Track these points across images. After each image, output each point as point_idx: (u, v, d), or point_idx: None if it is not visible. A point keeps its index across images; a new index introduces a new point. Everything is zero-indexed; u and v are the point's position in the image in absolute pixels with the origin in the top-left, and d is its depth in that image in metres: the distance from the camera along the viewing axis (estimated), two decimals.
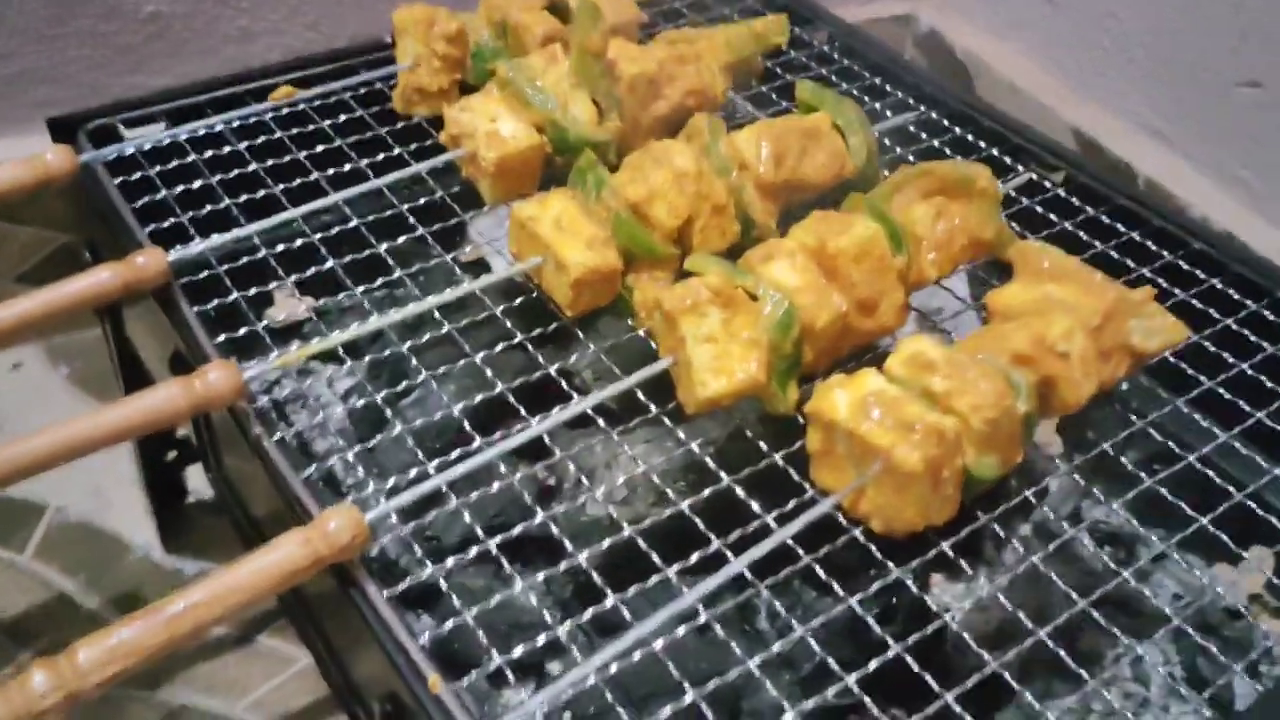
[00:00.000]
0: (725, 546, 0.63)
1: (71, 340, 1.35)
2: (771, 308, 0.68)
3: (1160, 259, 0.85)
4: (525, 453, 0.71)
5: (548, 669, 0.68)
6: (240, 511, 0.79)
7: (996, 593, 0.67)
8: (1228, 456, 0.73)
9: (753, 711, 0.66)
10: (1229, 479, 0.71)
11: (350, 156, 0.89)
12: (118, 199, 0.81)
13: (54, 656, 0.54)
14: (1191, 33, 1.33)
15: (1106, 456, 0.73)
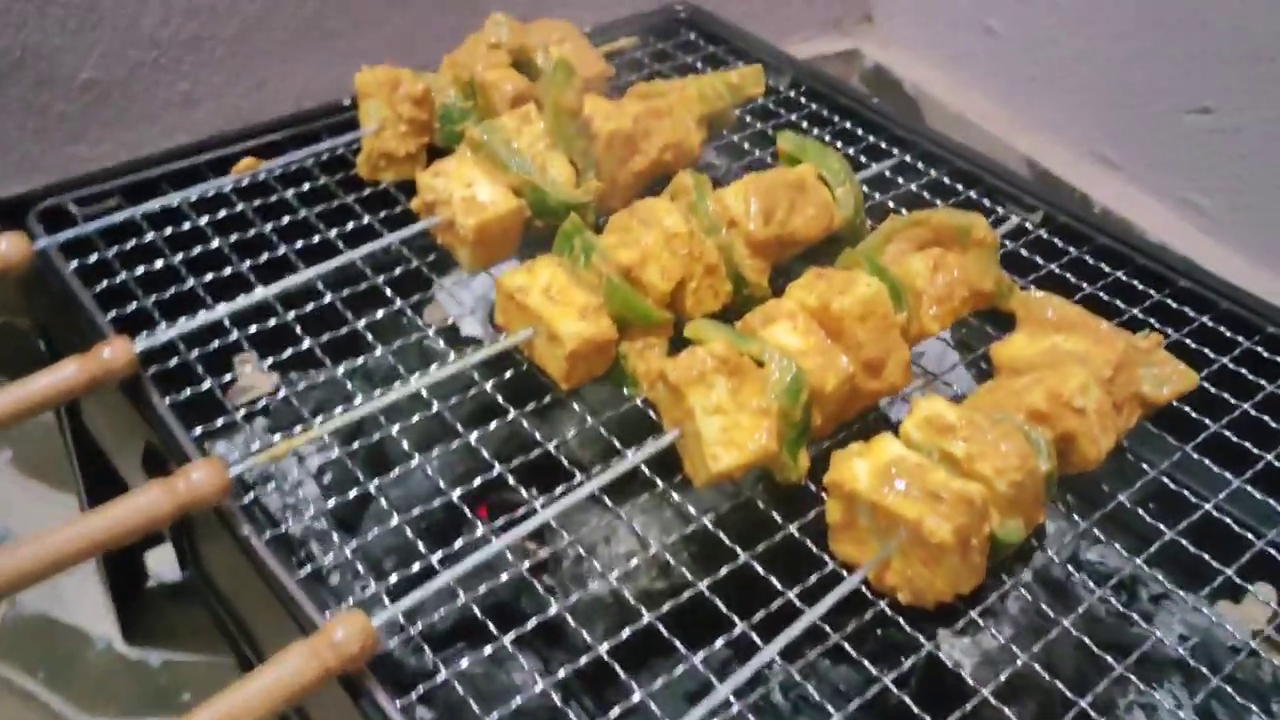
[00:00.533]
0: (750, 628, 0.61)
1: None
2: (779, 374, 0.66)
3: (1149, 298, 0.85)
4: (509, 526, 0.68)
5: None
6: (222, 607, 0.75)
7: (1008, 644, 0.66)
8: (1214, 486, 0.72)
9: None
10: (1228, 515, 0.70)
11: (318, 228, 0.85)
12: (77, 286, 0.77)
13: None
14: (1136, 59, 1.35)
15: (1101, 496, 0.72)
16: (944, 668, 0.64)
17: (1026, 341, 0.71)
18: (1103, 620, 0.79)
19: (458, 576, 0.60)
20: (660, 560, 0.69)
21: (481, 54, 0.93)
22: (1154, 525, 0.70)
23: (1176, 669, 0.80)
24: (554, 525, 0.67)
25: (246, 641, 0.72)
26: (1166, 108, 1.33)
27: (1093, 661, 0.65)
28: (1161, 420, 0.75)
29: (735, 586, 0.64)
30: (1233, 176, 1.28)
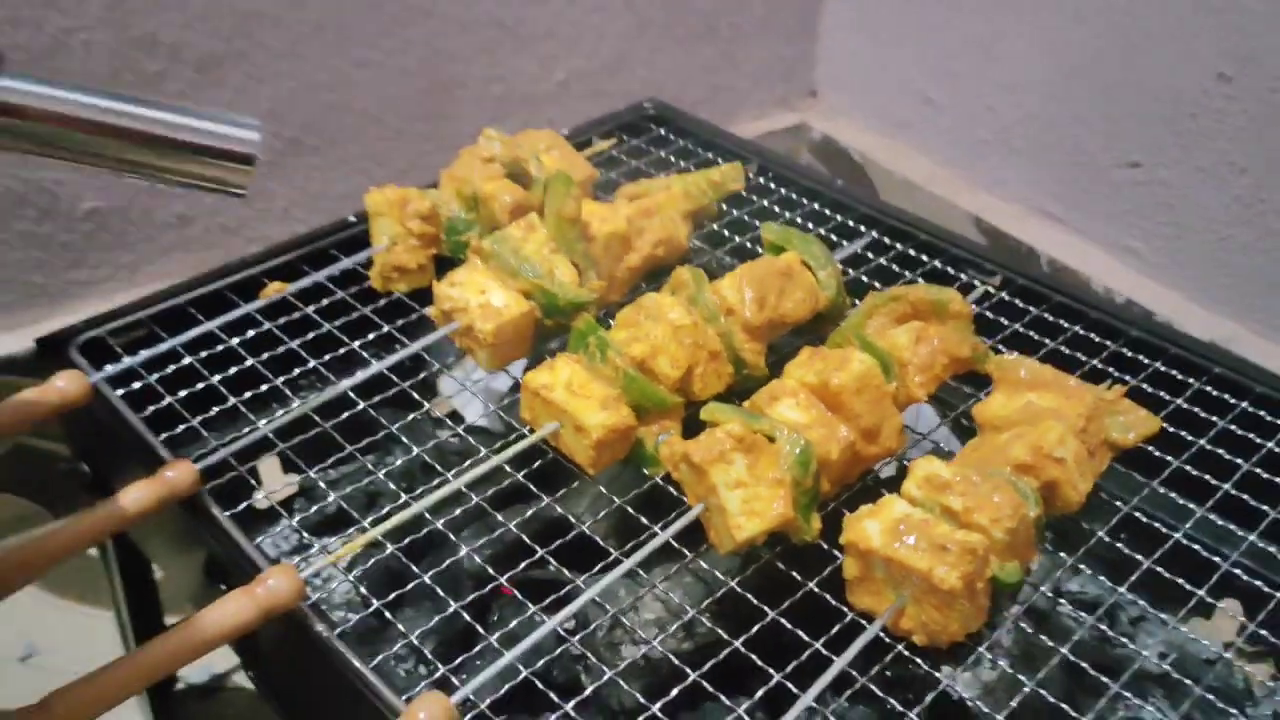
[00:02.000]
0: (784, 678, 0.67)
1: None
2: (790, 447, 0.73)
3: (1105, 349, 0.93)
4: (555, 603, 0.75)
5: None
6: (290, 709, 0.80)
7: (1007, 674, 0.73)
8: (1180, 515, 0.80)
9: None
10: (1195, 541, 0.78)
11: (342, 339, 0.92)
12: (132, 417, 0.83)
13: None
14: (1070, 121, 1.46)
15: (1079, 532, 0.79)
16: (952, 701, 0.71)
17: (1004, 400, 0.79)
18: (1087, 644, 0.87)
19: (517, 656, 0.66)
20: (688, 623, 0.76)
21: (478, 168, 1.00)
22: (1129, 555, 0.77)
23: (1158, 683, 0.88)
24: (597, 601, 0.73)
25: None
26: (1101, 164, 1.43)
27: (1081, 682, 0.72)
28: (1129, 460, 0.83)
29: (765, 642, 0.71)
30: (1163, 223, 1.39)
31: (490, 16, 1.42)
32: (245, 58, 1.28)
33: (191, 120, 0.62)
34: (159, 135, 0.61)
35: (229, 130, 0.62)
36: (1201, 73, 1.29)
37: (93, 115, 0.60)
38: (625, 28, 1.55)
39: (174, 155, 0.62)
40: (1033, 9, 1.44)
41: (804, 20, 1.72)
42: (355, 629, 0.82)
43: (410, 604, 0.81)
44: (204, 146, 0.62)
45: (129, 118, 0.61)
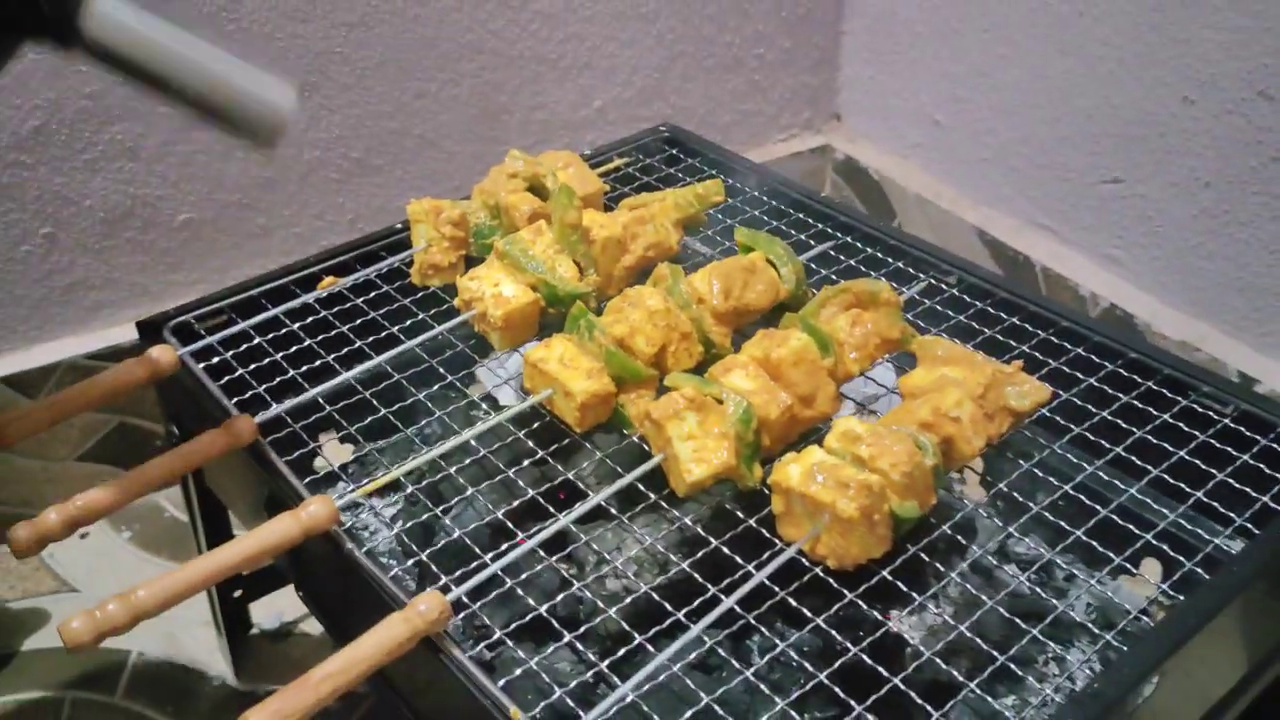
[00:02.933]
0: (719, 591, 0.83)
1: (130, 508, 1.53)
2: (734, 408, 0.89)
3: (1036, 337, 1.07)
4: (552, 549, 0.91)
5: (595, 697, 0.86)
6: (329, 617, 0.98)
7: (945, 617, 0.87)
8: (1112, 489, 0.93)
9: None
10: (1119, 509, 0.90)
11: (384, 325, 1.10)
12: (208, 381, 1.02)
13: None
14: (1056, 142, 1.59)
15: (1016, 499, 0.92)
16: (862, 610, 0.85)
17: (923, 374, 0.94)
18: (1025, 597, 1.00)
19: (503, 567, 0.83)
20: (653, 555, 0.92)
21: (503, 183, 1.18)
22: (1066, 522, 0.89)
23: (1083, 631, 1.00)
24: (574, 529, 0.90)
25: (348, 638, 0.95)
26: (1086, 180, 1.57)
27: (1015, 628, 0.85)
28: (1077, 441, 0.97)
29: (711, 566, 0.86)
30: (1141, 233, 1.51)
31: (534, 52, 1.61)
32: (318, 90, 1.48)
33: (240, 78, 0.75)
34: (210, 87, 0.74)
35: (272, 93, 0.76)
36: (1169, 96, 1.42)
37: (160, 65, 0.73)
38: (658, 60, 1.72)
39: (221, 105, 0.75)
40: (1024, 40, 1.58)
41: (826, 52, 1.88)
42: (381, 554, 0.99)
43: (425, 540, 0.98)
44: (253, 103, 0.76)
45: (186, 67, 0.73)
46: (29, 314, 1.41)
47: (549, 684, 0.77)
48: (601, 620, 0.83)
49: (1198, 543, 0.89)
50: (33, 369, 1.41)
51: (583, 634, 0.82)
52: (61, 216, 1.39)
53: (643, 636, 0.80)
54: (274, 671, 1.33)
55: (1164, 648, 0.79)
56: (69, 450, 1.51)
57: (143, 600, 0.79)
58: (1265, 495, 0.91)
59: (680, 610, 0.82)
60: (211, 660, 1.34)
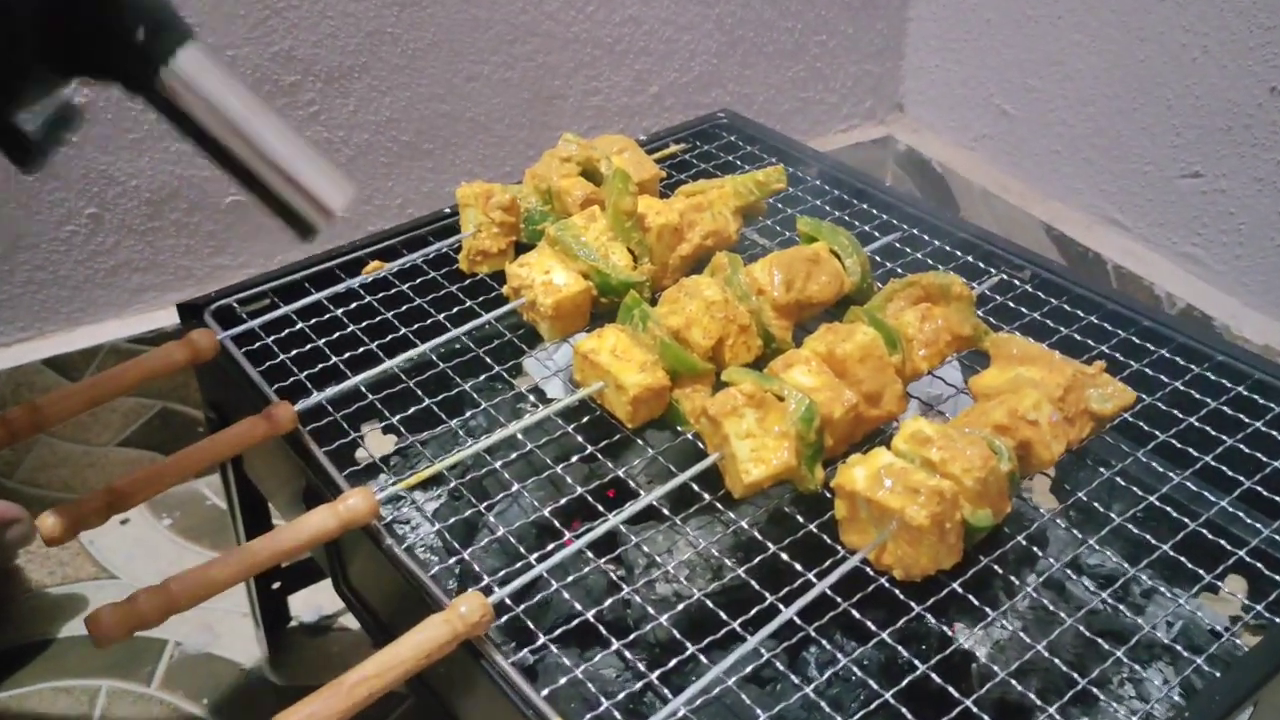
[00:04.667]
0: (777, 600, 0.78)
1: (170, 495, 1.52)
2: (795, 405, 0.84)
3: (1116, 336, 1.01)
4: (600, 549, 0.87)
5: (644, 709, 0.82)
6: (366, 614, 0.94)
7: (1015, 633, 0.82)
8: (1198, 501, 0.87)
9: None
10: (1206, 522, 0.84)
11: (430, 312, 1.06)
12: (249, 367, 0.98)
13: None
14: (1133, 133, 1.52)
15: (1094, 509, 0.87)
16: (931, 625, 0.80)
17: (997, 373, 0.88)
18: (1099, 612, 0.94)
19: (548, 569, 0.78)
20: (707, 559, 0.87)
21: (556, 167, 1.14)
22: (1150, 535, 0.84)
23: (1165, 651, 0.94)
24: (624, 530, 0.85)
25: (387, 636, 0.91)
26: (1165, 174, 1.50)
27: (1091, 647, 0.80)
28: (1161, 449, 0.91)
29: (768, 573, 0.81)
30: (1223, 231, 1.44)
31: (589, 35, 1.56)
32: (369, 71, 1.44)
33: (300, 165, 0.74)
34: (267, 167, 0.74)
35: (324, 188, 0.75)
36: (1256, 86, 1.35)
37: (225, 137, 0.72)
38: (717, 46, 1.67)
39: (272, 187, 0.74)
40: (1101, 28, 1.51)
41: (890, 39, 1.82)
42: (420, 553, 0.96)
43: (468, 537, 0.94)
44: (301, 192, 0.75)
45: (250, 142, 0.73)
46: (71, 295, 1.39)
47: (595, 694, 0.73)
48: (651, 628, 0.78)
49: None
50: (75, 351, 1.39)
51: (631, 641, 0.78)
52: (106, 197, 1.36)
53: (695, 646, 0.76)
54: (312, 667, 1.30)
55: (1258, 675, 0.73)
56: (111, 435, 1.48)
57: (174, 594, 0.76)
58: None
59: (736, 619, 0.77)
60: (249, 653, 1.32)
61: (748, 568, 0.81)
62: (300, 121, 1.44)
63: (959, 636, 0.80)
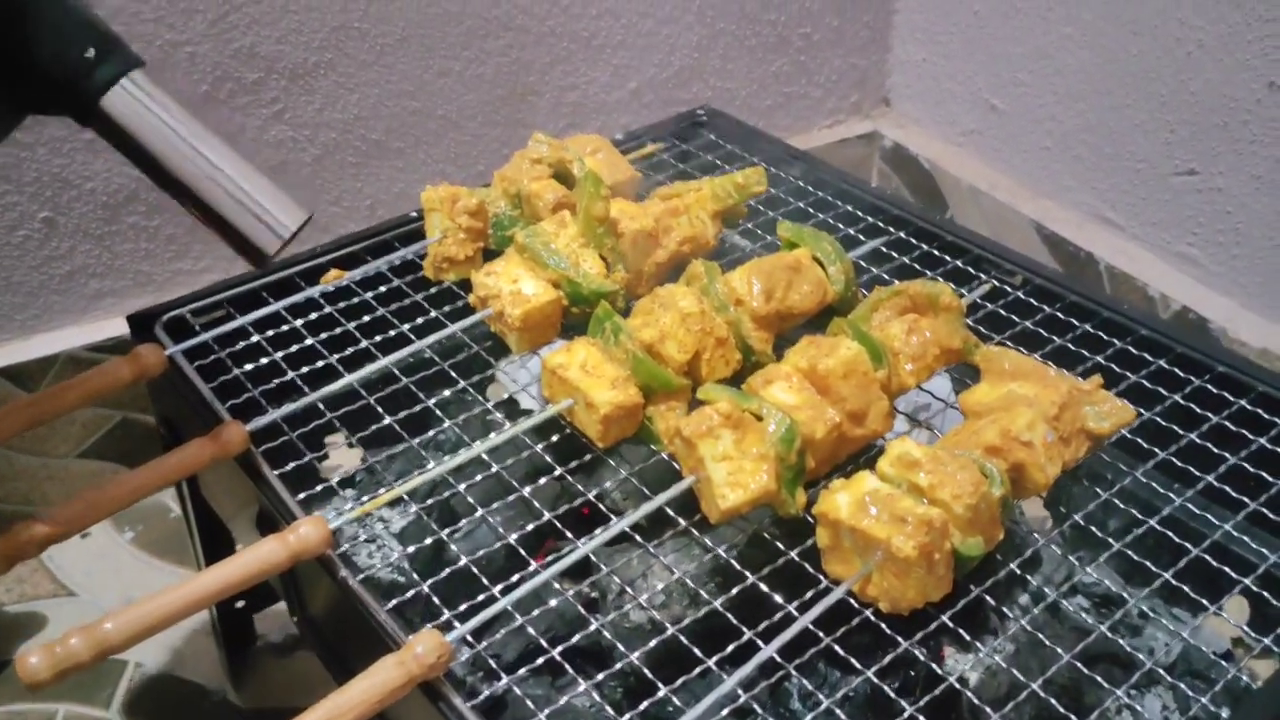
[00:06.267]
0: (756, 635, 0.73)
1: (137, 508, 1.46)
2: (775, 425, 0.79)
3: (1112, 346, 0.96)
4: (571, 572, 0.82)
5: None
6: (323, 647, 0.89)
7: (1007, 665, 0.77)
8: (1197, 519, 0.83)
9: None
10: (1210, 545, 0.80)
11: (393, 323, 1.01)
12: (200, 383, 0.93)
13: None
14: (1126, 130, 1.47)
15: (1089, 529, 0.82)
16: (921, 661, 0.75)
17: (988, 389, 0.84)
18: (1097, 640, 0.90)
19: (513, 603, 0.73)
20: (683, 587, 0.82)
21: (526, 169, 1.08)
22: (1150, 561, 0.79)
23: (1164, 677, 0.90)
24: (594, 559, 0.80)
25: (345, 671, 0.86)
26: (1159, 171, 1.45)
27: (1086, 677, 0.75)
28: (1163, 467, 0.87)
29: (746, 604, 0.77)
30: (1219, 230, 1.40)
31: (565, 29, 1.51)
32: (334, 68, 1.39)
33: (250, 189, 0.75)
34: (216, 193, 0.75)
35: (274, 209, 0.75)
36: (1253, 82, 1.30)
37: (171, 162, 0.73)
38: (698, 39, 1.62)
39: (223, 213, 0.75)
40: (1093, 20, 1.47)
41: (876, 32, 1.77)
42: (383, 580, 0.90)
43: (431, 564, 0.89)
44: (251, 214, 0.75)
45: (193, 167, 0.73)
46: (26, 302, 1.34)
47: None
48: (623, 665, 0.73)
49: None
50: (31, 360, 1.34)
51: (601, 678, 0.73)
52: (61, 200, 1.31)
53: (668, 688, 0.71)
54: (276, 688, 1.25)
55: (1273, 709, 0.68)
56: (70, 447, 1.43)
57: (108, 635, 0.71)
58: None
59: (712, 656, 0.72)
60: (213, 674, 1.27)
61: (725, 599, 0.77)
62: (264, 120, 1.38)
63: (949, 672, 0.75)
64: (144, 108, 0.71)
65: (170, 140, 0.73)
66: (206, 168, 0.74)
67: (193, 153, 0.74)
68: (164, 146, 0.73)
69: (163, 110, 0.72)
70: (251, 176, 0.75)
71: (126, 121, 0.71)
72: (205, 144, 0.75)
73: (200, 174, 0.74)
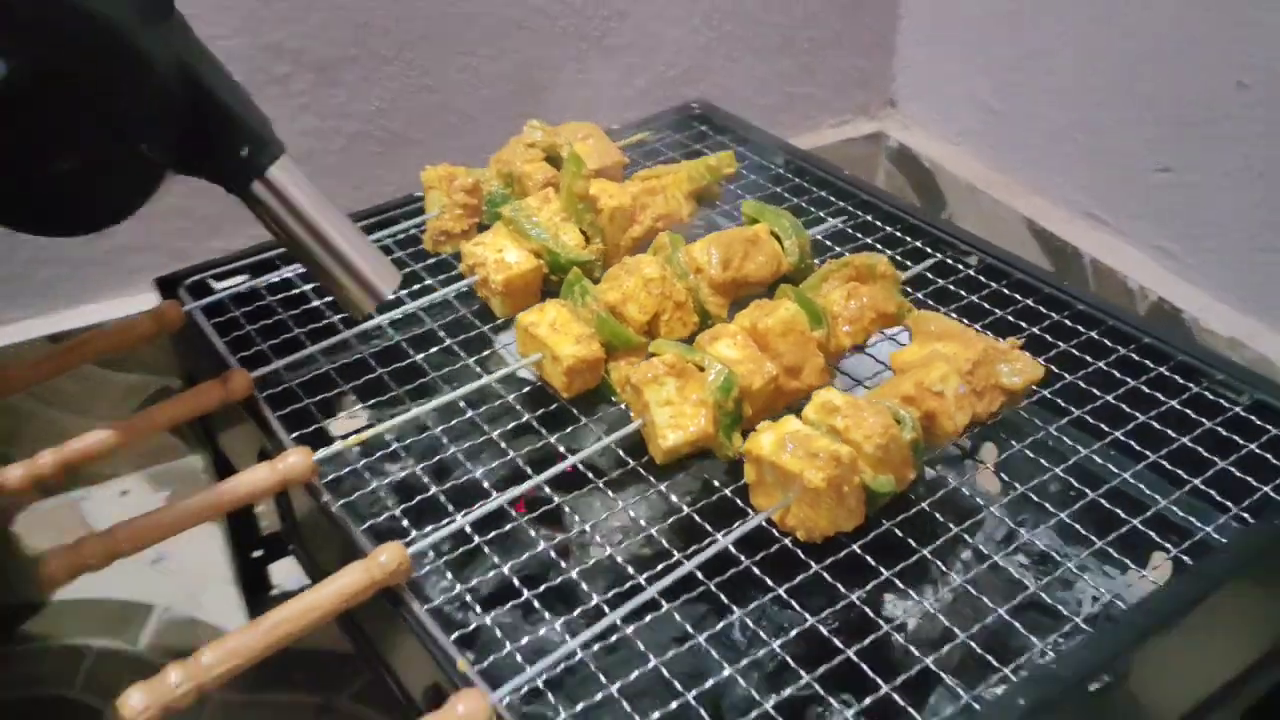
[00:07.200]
0: (684, 558, 0.82)
1: (171, 468, 1.58)
2: (714, 375, 0.88)
3: (1049, 319, 1.04)
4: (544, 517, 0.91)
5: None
6: (313, 566, 0.99)
7: (913, 596, 0.84)
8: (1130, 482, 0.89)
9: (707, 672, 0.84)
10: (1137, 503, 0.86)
11: None
12: (213, 336, 1.04)
13: (185, 659, 0.73)
14: (1110, 127, 1.54)
15: (1031, 496, 0.88)
16: (826, 582, 0.82)
17: (916, 349, 0.92)
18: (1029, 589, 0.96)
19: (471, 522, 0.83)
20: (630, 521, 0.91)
21: (520, 152, 1.18)
22: (1074, 514, 0.86)
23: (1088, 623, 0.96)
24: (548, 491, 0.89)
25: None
26: (1139, 168, 1.51)
27: (1016, 618, 0.81)
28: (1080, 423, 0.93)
29: (684, 534, 0.85)
30: (1192, 224, 1.46)
31: (577, 30, 1.61)
32: (358, 62, 1.50)
33: (359, 257, 0.89)
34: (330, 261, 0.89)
35: (374, 277, 0.90)
36: (1223, 82, 1.36)
37: (300, 234, 0.88)
38: (704, 40, 1.71)
39: (335, 277, 0.89)
40: (1087, 21, 1.53)
41: (880, 35, 1.85)
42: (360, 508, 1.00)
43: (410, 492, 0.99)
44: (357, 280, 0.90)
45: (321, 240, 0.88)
46: (72, 273, 1.46)
47: (501, 639, 0.77)
48: (562, 580, 0.82)
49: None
50: (75, 329, 1.46)
51: (545, 593, 0.81)
52: None
53: (600, 598, 0.80)
54: None
55: (1132, 635, 0.76)
56: (112, 411, 1.55)
57: (118, 539, 0.81)
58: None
59: (642, 574, 0.81)
60: (232, 617, 1.37)
61: (661, 528, 0.85)
62: (293, 111, 1.50)
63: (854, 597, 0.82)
64: (283, 190, 0.86)
65: (301, 217, 0.88)
66: (327, 241, 0.89)
67: (318, 228, 0.88)
68: (295, 223, 0.88)
69: (297, 191, 0.87)
70: (363, 249, 0.90)
71: (268, 201, 0.86)
72: (328, 220, 0.89)
73: (321, 247, 0.88)
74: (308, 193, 0.88)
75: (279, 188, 0.86)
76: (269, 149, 0.85)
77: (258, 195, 0.86)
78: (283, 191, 0.86)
